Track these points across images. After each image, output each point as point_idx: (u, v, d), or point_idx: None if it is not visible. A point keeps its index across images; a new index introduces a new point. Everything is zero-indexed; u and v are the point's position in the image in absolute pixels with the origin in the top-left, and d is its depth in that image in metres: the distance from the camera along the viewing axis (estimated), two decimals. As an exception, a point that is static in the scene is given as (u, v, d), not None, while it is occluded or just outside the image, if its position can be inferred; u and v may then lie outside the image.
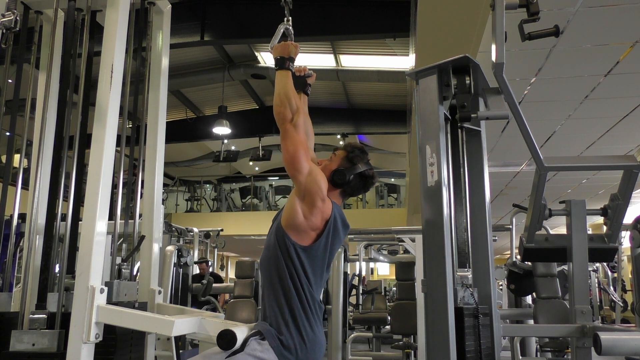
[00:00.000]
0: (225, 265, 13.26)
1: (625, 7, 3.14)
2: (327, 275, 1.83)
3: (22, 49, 2.21)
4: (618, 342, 1.70)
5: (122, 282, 1.98)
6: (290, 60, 1.85)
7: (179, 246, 5.35)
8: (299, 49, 1.89)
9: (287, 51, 1.86)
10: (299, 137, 1.72)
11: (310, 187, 1.69)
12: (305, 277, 1.69)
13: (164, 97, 2.35)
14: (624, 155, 2.12)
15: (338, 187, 1.82)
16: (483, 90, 1.86)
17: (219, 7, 7.53)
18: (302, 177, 1.69)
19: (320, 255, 1.73)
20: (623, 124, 5.15)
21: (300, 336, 1.65)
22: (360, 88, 10.54)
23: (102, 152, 1.75)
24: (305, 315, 1.68)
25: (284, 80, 1.80)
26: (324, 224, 1.72)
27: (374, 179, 1.89)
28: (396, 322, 5.40)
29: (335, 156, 1.88)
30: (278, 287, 1.69)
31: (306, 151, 1.74)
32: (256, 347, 1.60)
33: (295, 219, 1.69)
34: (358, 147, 1.91)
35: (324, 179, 1.75)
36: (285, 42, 1.90)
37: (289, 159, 1.70)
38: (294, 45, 1.88)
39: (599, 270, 6.83)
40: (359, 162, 1.84)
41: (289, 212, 1.72)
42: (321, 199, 1.71)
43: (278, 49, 1.87)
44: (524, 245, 2.25)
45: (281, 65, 1.84)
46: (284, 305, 1.67)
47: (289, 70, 1.84)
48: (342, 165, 1.83)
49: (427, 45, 4.42)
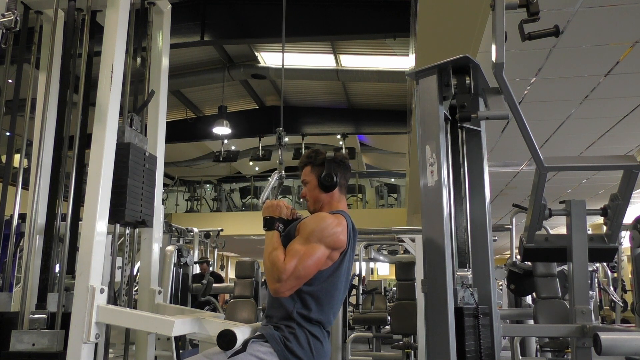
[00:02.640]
0: (225, 265, 13.26)
1: (625, 7, 3.14)
2: (342, 296, 1.81)
3: (22, 49, 2.21)
4: (618, 342, 1.70)
5: (133, 130, 2.01)
6: (280, 221, 1.81)
7: (179, 246, 5.35)
8: (290, 208, 1.85)
9: (278, 212, 1.82)
10: (293, 273, 1.65)
11: (331, 242, 1.70)
12: (316, 291, 1.69)
13: (164, 97, 2.35)
14: (624, 155, 2.12)
15: (333, 189, 1.85)
16: (483, 90, 1.86)
17: (219, 7, 7.53)
18: (327, 254, 1.70)
19: (335, 277, 1.74)
20: (623, 124, 5.15)
21: (309, 345, 1.65)
22: (360, 88, 10.54)
23: (102, 152, 1.75)
24: (314, 327, 1.68)
25: (272, 244, 1.74)
26: (340, 253, 1.75)
27: (345, 157, 1.92)
28: (396, 322, 5.39)
29: (307, 175, 1.90)
30: (287, 300, 1.69)
31: (301, 257, 1.66)
32: (259, 348, 1.60)
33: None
34: (309, 153, 1.93)
35: (326, 223, 1.73)
36: (278, 201, 1.87)
37: (316, 272, 1.69)
38: (285, 206, 1.84)
39: (599, 270, 6.82)
40: (324, 159, 1.88)
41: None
42: (343, 241, 1.73)
43: (269, 208, 1.83)
44: (524, 245, 2.25)
45: (270, 227, 1.79)
46: (293, 317, 1.67)
47: (278, 232, 1.79)
48: (319, 174, 1.86)
49: (427, 45, 4.42)
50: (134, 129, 2.01)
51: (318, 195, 1.86)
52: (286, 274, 1.63)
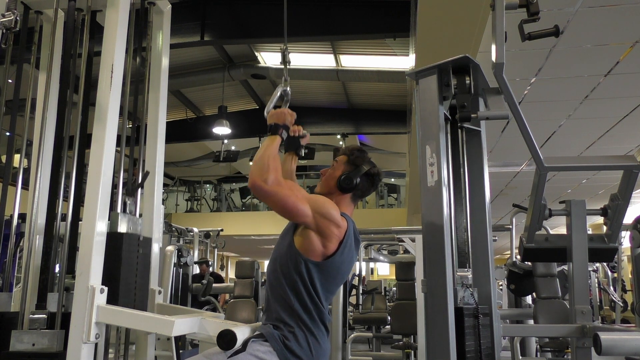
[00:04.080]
0: (225, 265, 13.26)
1: (625, 7, 3.14)
2: (336, 289, 1.80)
3: (22, 49, 2.21)
4: (618, 342, 1.70)
5: (127, 215, 1.96)
6: (284, 128, 1.79)
7: (179, 246, 5.36)
8: (295, 117, 1.83)
9: (283, 119, 1.80)
10: (280, 189, 1.62)
11: (321, 223, 1.66)
12: (314, 291, 1.68)
13: (164, 97, 2.35)
14: (624, 155, 2.12)
15: (347, 192, 1.81)
16: (483, 90, 1.86)
17: (219, 7, 7.53)
18: (309, 219, 1.66)
19: (332, 273, 1.71)
20: (623, 124, 5.15)
21: (307, 343, 1.64)
22: (360, 88, 10.54)
23: (102, 152, 1.75)
24: (312, 325, 1.67)
25: (268, 145, 1.71)
26: (338, 244, 1.70)
27: (380, 175, 1.88)
28: (396, 322, 5.40)
29: (337, 163, 1.86)
30: (285, 297, 1.68)
31: (294, 194, 1.65)
32: (259, 347, 1.60)
33: (312, 247, 1.67)
34: (357, 148, 1.90)
35: (329, 203, 1.71)
36: (282, 109, 1.85)
37: (286, 214, 1.66)
38: (290, 114, 1.82)
39: (599, 270, 6.82)
40: (361, 163, 1.83)
41: (304, 242, 1.68)
42: (336, 226, 1.68)
43: (274, 115, 1.81)
44: (524, 245, 2.25)
45: (274, 132, 1.76)
46: (291, 314, 1.66)
47: (281, 137, 1.77)
48: (346, 170, 1.82)
49: (427, 45, 4.42)
50: (127, 214, 1.98)
51: (332, 185, 1.82)
52: (273, 182, 1.60)
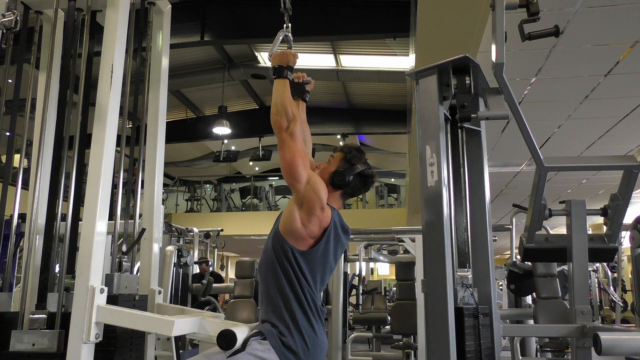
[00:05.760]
0: (225, 265, 13.26)
1: (625, 7, 3.14)
2: (327, 279, 1.82)
3: (22, 49, 2.21)
4: (618, 342, 1.70)
5: (122, 275, 1.97)
6: (288, 69, 1.83)
7: (179, 246, 5.35)
8: (298, 57, 1.87)
9: (286, 60, 1.84)
10: (296, 145, 1.70)
11: (309, 195, 1.69)
12: (305, 280, 1.69)
13: (164, 97, 2.35)
14: (624, 155, 2.12)
15: (338, 188, 1.83)
16: (483, 90, 1.86)
17: (219, 7, 7.53)
18: (301, 186, 1.69)
19: (319, 261, 1.72)
20: (623, 124, 5.15)
21: (302, 338, 1.64)
22: (360, 88, 10.54)
23: (102, 152, 1.75)
24: (307, 318, 1.68)
25: (281, 89, 1.78)
26: (322, 231, 1.72)
27: (374, 177, 1.89)
28: (396, 322, 5.40)
29: (334, 158, 1.89)
30: (277, 290, 1.69)
31: (304, 159, 1.72)
32: (257, 346, 1.60)
33: (293, 226, 1.69)
34: (355, 147, 1.91)
35: (323, 186, 1.74)
36: (284, 50, 1.88)
37: (286, 168, 1.70)
38: (292, 54, 1.86)
39: (599, 270, 6.82)
40: (357, 163, 1.85)
41: (287, 219, 1.71)
42: (320, 207, 1.70)
43: (277, 57, 1.85)
44: (524, 245, 2.25)
45: (279, 74, 1.82)
46: (284, 308, 1.67)
47: (287, 79, 1.82)
48: (341, 167, 1.84)
49: (427, 45, 4.42)
50: (122, 272, 1.98)
51: (325, 179, 1.83)
52: (292, 132, 1.70)
